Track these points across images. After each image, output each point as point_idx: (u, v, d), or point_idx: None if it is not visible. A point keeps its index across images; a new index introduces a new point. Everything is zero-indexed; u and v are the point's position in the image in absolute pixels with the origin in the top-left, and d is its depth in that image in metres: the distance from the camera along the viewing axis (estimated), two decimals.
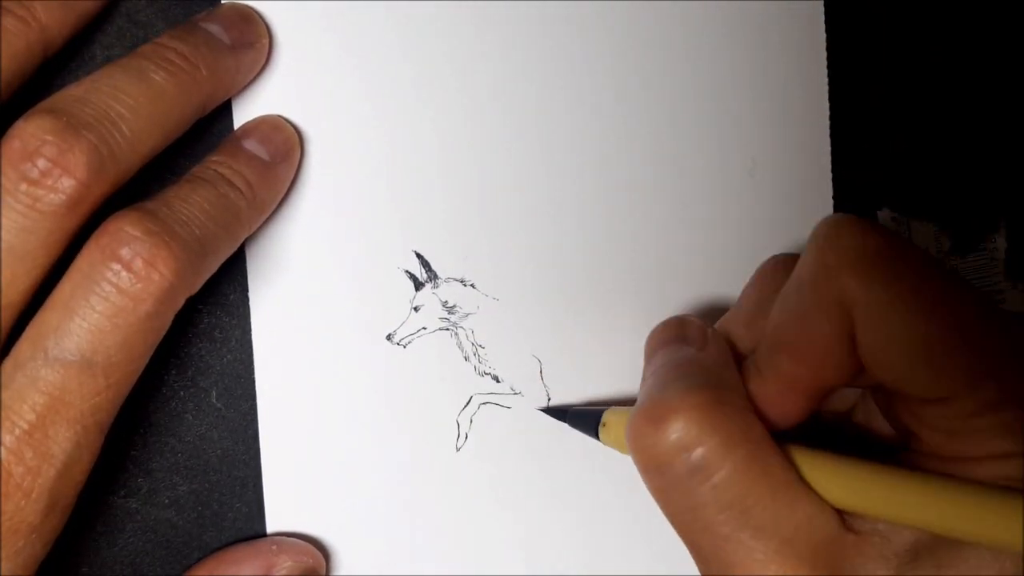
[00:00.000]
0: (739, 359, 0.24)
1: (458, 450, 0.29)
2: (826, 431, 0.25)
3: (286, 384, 0.28)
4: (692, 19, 0.29)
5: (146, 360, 0.24)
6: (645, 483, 0.23)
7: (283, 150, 0.27)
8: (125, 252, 0.23)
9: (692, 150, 0.30)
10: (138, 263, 0.23)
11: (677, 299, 0.30)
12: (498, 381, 0.29)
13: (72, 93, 0.23)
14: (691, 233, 0.30)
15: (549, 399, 0.29)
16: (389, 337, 0.29)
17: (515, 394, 0.29)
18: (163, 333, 0.24)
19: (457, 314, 0.29)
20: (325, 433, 0.29)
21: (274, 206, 0.28)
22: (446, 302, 0.29)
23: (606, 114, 0.29)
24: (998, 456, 0.20)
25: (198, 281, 0.25)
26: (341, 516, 0.29)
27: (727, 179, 0.30)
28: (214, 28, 0.26)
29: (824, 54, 0.30)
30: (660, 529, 0.30)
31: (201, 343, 0.28)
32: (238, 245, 0.26)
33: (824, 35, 0.30)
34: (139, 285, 0.23)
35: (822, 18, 0.30)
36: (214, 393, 0.28)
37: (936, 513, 0.20)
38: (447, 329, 0.29)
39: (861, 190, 0.29)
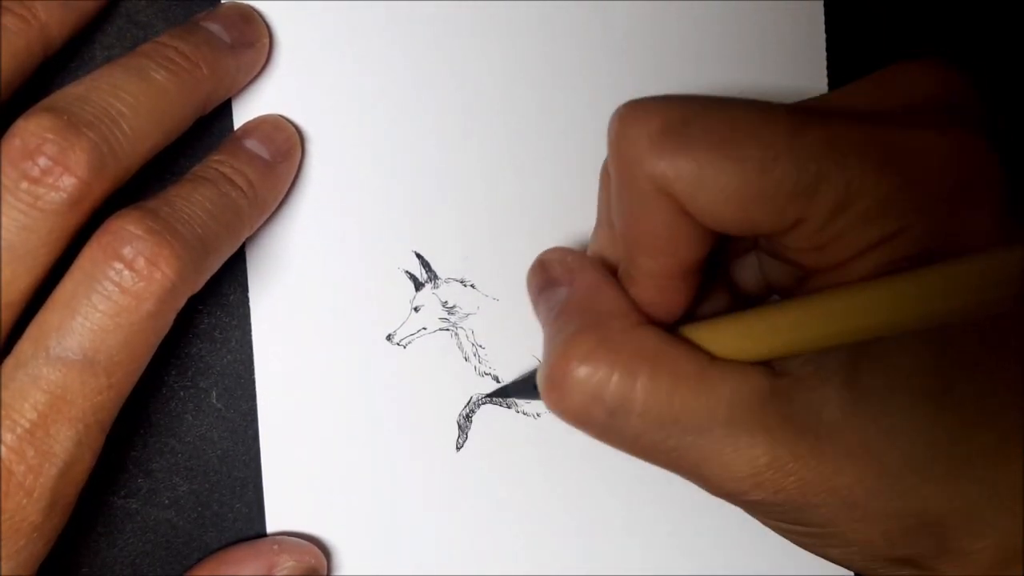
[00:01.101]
0: (615, 271, 0.24)
1: (458, 450, 0.29)
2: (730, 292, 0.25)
3: (286, 384, 0.28)
4: (692, 19, 0.29)
5: (148, 359, 0.24)
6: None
7: (284, 149, 0.27)
8: (127, 251, 0.23)
9: None
10: (140, 262, 0.23)
11: None
12: (498, 381, 0.29)
13: (73, 91, 0.23)
14: None
15: None
16: (389, 337, 0.29)
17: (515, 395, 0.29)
18: (165, 332, 0.24)
19: (457, 314, 0.29)
20: (325, 433, 0.29)
21: (275, 205, 0.28)
22: (446, 302, 0.29)
23: (606, 115, 0.29)
24: (872, 246, 0.20)
25: (200, 280, 0.25)
26: (341, 516, 0.29)
27: None
28: (214, 27, 0.26)
29: (824, 54, 0.30)
30: (660, 528, 0.30)
31: (201, 343, 0.28)
32: (239, 244, 0.26)
33: (824, 35, 0.30)
34: (141, 284, 0.23)
35: (822, 18, 0.30)
36: (214, 393, 0.28)
37: (841, 322, 0.20)
38: (447, 330, 0.29)
39: None
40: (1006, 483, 0.20)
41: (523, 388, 0.28)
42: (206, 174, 0.25)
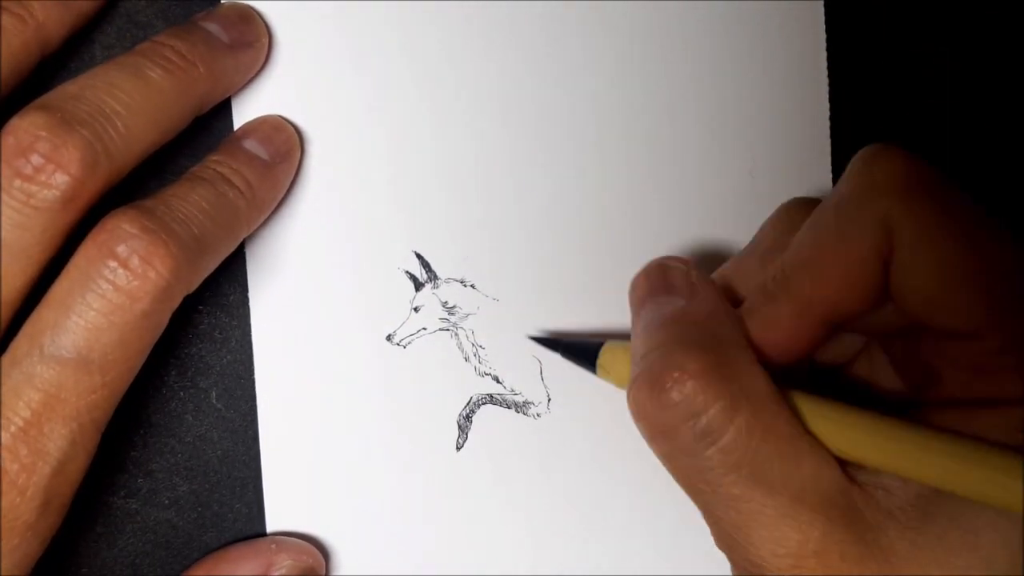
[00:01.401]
0: (737, 303, 0.24)
1: (458, 450, 0.29)
2: (823, 384, 0.25)
3: (286, 385, 0.28)
4: (692, 19, 0.29)
5: (143, 358, 0.24)
6: (651, 448, 0.23)
7: (283, 150, 0.27)
8: (122, 249, 0.23)
9: (692, 151, 0.29)
10: (135, 261, 0.23)
11: None
12: (498, 382, 0.29)
13: (68, 90, 0.23)
14: (691, 233, 0.29)
15: (550, 399, 0.29)
16: (389, 338, 0.29)
17: (515, 394, 0.29)
18: (160, 331, 0.24)
19: (457, 315, 0.29)
20: (325, 434, 0.29)
21: (274, 206, 0.28)
22: (446, 303, 0.29)
23: (606, 115, 0.29)
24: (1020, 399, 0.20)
25: (196, 280, 0.25)
26: (341, 516, 0.29)
27: (727, 180, 0.30)
28: (213, 27, 0.26)
29: (824, 54, 0.30)
30: (661, 528, 0.30)
31: (201, 344, 0.28)
32: (237, 244, 0.26)
33: (824, 35, 0.30)
34: (136, 282, 0.23)
35: (822, 18, 0.29)
36: (214, 394, 0.28)
37: (940, 468, 0.20)
38: (447, 330, 0.29)
39: None
40: None
41: (579, 352, 0.28)
42: (204, 174, 0.25)
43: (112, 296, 0.23)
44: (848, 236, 0.21)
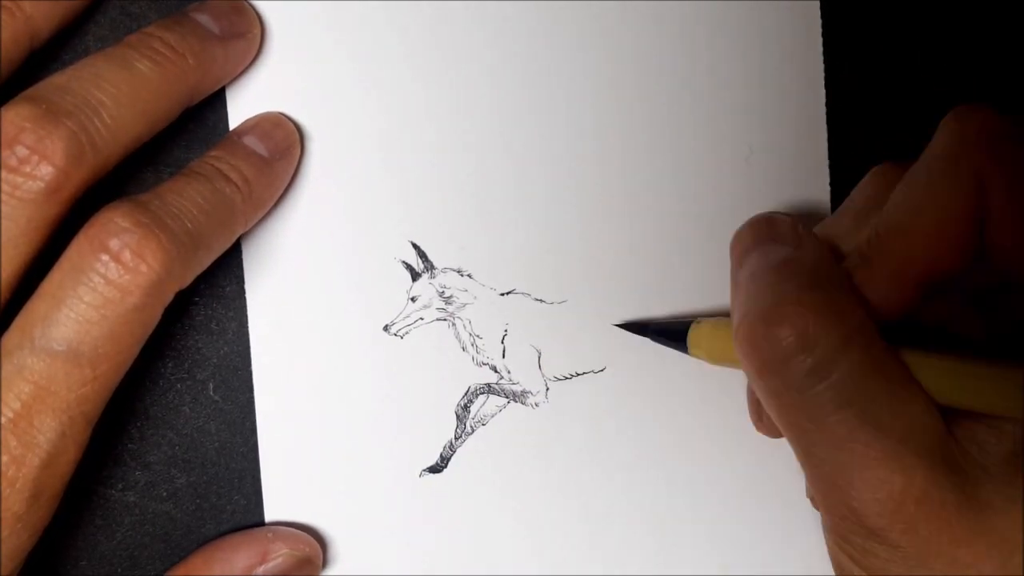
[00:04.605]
0: (838, 260, 0.24)
1: (456, 440, 0.29)
2: (921, 344, 0.25)
3: (283, 376, 0.28)
4: (689, 19, 0.29)
5: (135, 352, 0.24)
6: (757, 387, 0.23)
7: (283, 147, 0.27)
8: (114, 243, 0.23)
9: (689, 138, 0.29)
10: (126, 255, 0.23)
11: (674, 286, 0.29)
12: (496, 371, 0.29)
13: (55, 81, 0.23)
14: (688, 219, 0.29)
15: (548, 388, 0.29)
16: (386, 328, 0.29)
17: (513, 384, 0.29)
18: (152, 326, 0.24)
19: (454, 304, 0.29)
20: (323, 425, 0.29)
21: (272, 203, 0.28)
22: (443, 292, 0.29)
23: (603, 103, 0.29)
24: None
25: (188, 275, 0.24)
26: (339, 507, 0.29)
27: (724, 166, 0.29)
28: (203, 18, 0.26)
29: (820, 40, 0.29)
30: (660, 517, 0.30)
31: (198, 335, 0.28)
32: (233, 240, 0.26)
33: (820, 22, 0.29)
34: (127, 276, 0.23)
35: (818, 6, 0.29)
36: (211, 385, 0.28)
37: None
38: (444, 320, 0.29)
39: (858, 175, 0.28)
40: None
41: (666, 332, 0.28)
42: (201, 169, 0.25)
43: (103, 290, 0.23)
44: (940, 195, 0.21)
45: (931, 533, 0.20)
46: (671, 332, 0.28)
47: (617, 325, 0.29)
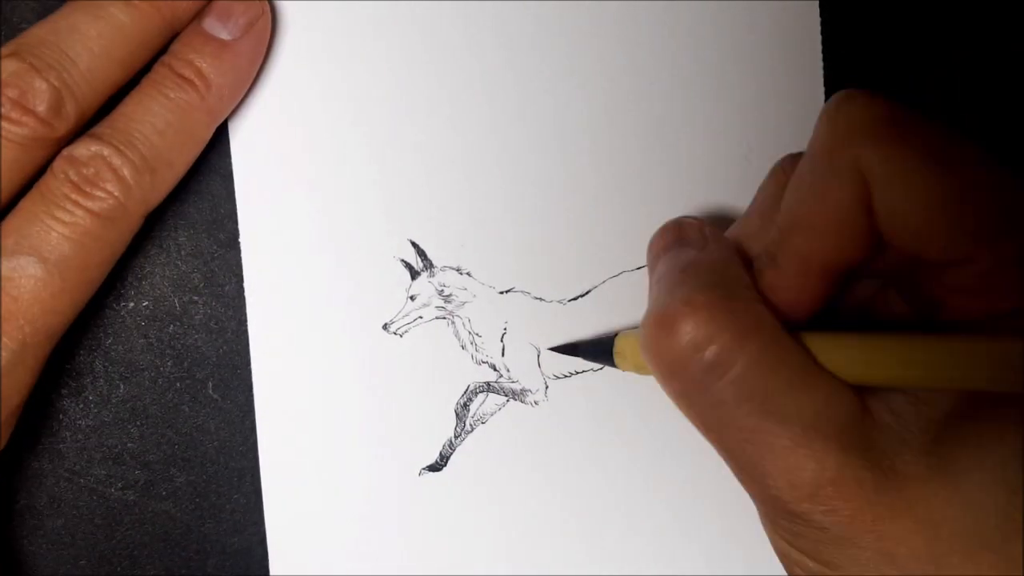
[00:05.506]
0: (748, 262, 0.24)
1: (456, 438, 0.29)
2: (847, 328, 0.25)
3: (282, 374, 0.28)
4: (688, 19, 0.29)
5: (103, 271, 0.26)
6: (665, 391, 0.23)
7: (243, 22, 0.26)
8: (72, 174, 0.24)
9: (688, 137, 0.29)
10: (86, 185, 0.24)
11: None
12: (495, 370, 0.29)
13: (35, 34, 0.25)
14: (688, 215, 0.29)
15: (547, 386, 0.29)
16: (385, 326, 0.29)
17: (513, 382, 0.29)
18: (120, 248, 0.26)
19: (453, 303, 0.29)
20: (322, 423, 0.29)
21: (243, 87, 0.27)
22: (442, 291, 0.29)
23: (602, 102, 0.29)
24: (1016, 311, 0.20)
25: (153, 196, 0.26)
26: (340, 505, 0.29)
27: (723, 164, 0.29)
28: None
29: (819, 39, 0.29)
30: (659, 514, 0.30)
31: (197, 334, 0.28)
32: (202, 144, 0.27)
33: (819, 21, 0.29)
34: (88, 203, 0.24)
35: (817, 6, 0.29)
36: (211, 384, 0.28)
37: (951, 368, 0.20)
38: (444, 318, 0.29)
39: None
40: None
41: (594, 350, 0.28)
42: (154, 77, 0.26)
43: (67, 215, 0.24)
44: (825, 190, 0.21)
45: (853, 512, 0.20)
46: (598, 350, 0.28)
47: (550, 349, 0.29)
